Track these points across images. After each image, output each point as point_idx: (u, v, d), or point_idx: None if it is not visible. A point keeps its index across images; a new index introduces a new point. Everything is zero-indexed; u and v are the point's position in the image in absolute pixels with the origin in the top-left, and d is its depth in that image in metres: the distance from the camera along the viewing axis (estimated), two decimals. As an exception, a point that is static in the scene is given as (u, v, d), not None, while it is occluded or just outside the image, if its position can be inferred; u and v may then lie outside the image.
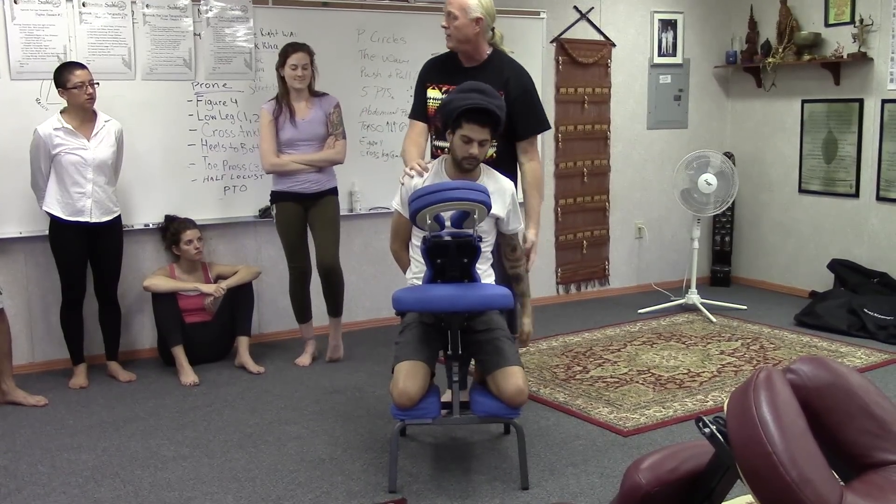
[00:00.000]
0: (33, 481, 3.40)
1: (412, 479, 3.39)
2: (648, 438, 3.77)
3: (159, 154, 5.00)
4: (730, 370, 4.72)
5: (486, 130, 3.27)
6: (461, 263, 3.21)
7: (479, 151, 3.31)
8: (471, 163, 3.34)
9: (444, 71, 3.76)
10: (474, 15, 3.56)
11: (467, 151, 3.30)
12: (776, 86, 6.57)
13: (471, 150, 3.29)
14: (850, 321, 5.44)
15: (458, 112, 3.26)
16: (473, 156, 3.31)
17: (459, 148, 3.31)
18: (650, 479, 2.02)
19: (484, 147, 3.31)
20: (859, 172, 6.04)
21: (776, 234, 6.73)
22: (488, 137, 3.30)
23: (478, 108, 3.24)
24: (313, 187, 4.70)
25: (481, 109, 3.24)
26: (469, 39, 3.61)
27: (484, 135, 3.27)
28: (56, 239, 4.45)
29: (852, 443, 1.88)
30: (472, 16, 3.56)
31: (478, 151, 3.30)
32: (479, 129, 3.26)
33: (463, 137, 3.28)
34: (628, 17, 6.50)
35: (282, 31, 5.19)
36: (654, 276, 6.82)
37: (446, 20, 3.63)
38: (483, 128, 3.26)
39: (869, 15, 5.81)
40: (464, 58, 3.69)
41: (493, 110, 3.25)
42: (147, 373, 4.80)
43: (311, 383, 4.61)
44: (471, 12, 3.56)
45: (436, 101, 3.70)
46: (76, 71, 4.28)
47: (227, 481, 3.39)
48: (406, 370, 3.22)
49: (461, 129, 3.27)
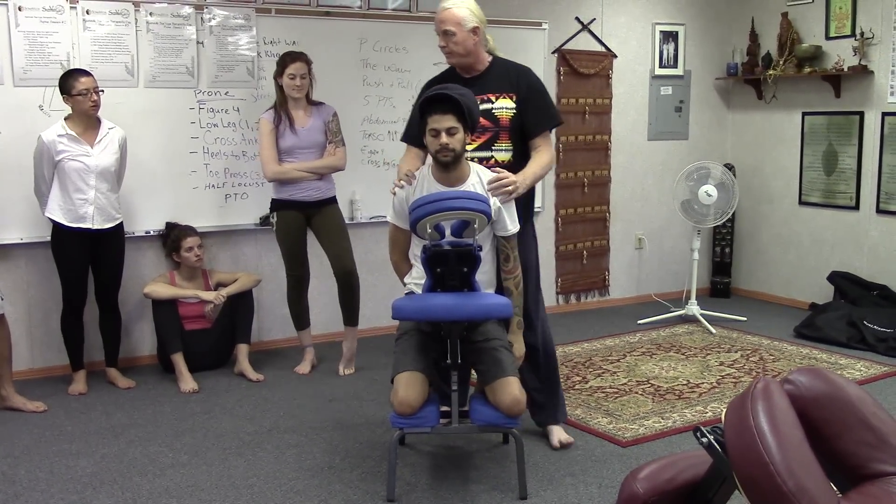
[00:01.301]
0: (32, 487, 3.40)
1: (410, 488, 3.38)
2: (647, 449, 3.76)
3: (161, 161, 5.01)
4: (729, 381, 4.72)
5: (450, 117, 3.23)
6: (461, 272, 3.21)
7: (451, 140, 3.25)
8: (446, 154, 3.28)
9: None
10: (471, 25, 3.52)
11: (438, 143, 3.26)
12: (777, 98, 6.59)
13: (440, 140, 3.25)
14: (850, 333, 5.44)
15: (419, 113, 3.30)
16: (445, 145, 3.25)
17: (431, 143, 3.30)
18: (648, 489, 2.03)
19: (454, 135, 3.25)
20: (859, 185, 6.05)
21: (776, 246, 6.73)
22: (455, 124, 3.24)
23: (434, 98, 3.24)
24: (315, 195, 4.72)
25: (437, 98, 3.23)
26: (470, 51, 3.57)
27: (448, 122, 3.23)
28: (58, 245, 4.46)
29: (849, 454, 1.88)
30: (469, 26, 3.52)
31: (449, 140, 3.25)
32: (441, 117, 3.23)
33: (431, 132, 3.27)
34: (630, 28, 6.52)
35: (284, 39, 5.21)
36: (653, 287, 6.82)
37: (443, 39, 3.54)
38: (444, 115, 3.22)
39: (870, 28, 5.83)
40: (463, 71, 3.64)
41: (449, 95, 3.22)
42: (146, 380, 4.80)
43: (310, 391, 4.61)
44: (467, 24, 3.51)
45: None
46: (81, 78, 4.30)
47: (226, 489, 3.39)
48: (405, 380, 3.22)
49: (427, 125, 3.27)
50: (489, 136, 3.58)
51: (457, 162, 3.32)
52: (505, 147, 3.57)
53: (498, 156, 3.58)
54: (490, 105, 3.57)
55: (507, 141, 3.57)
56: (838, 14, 6.06)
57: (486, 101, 3.56)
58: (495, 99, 3.58)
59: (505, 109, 3.56)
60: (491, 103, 3.57)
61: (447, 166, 3.32)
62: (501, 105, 3.57)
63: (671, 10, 6.68)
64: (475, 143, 3.58)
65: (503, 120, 3.56)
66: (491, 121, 3.56)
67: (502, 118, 3.56)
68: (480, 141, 3.58)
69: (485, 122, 3.55)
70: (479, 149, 3.59)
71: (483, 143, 3.58)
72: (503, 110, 3.56)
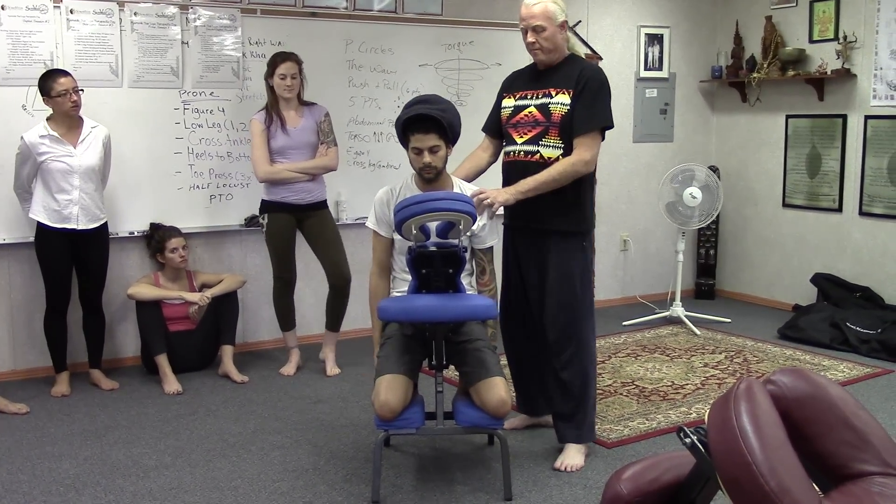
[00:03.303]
0: (13, 489, 3.37)
1: (395, 490, 3.38)
2: (632, 450, 3.77)
3: (145, 162, 4.99)
4: (713, 383, 4.74)
5: (433, 136, 3.27)
6: (446, 274, 3.21)
7: (433, 159, 3.31)
8: (429, 172, 3.35)
9: (520, 79, 3.71)
10: (560, 20, 3.49)
11: (421, 162, 3.33)
12: (761, 101, 6.62)
13: (423, 159, 3.32)
14: (833, 335, 5.48)
15: (402, 127, 3.31)
16: (428, 164, 3.32)
17: (414, 161, 3.36)
18: (631, 490, 2.03)
19: (437, 153, 3.30)
20: (842, 187, 6.09)
21: (760, 248, 6.77)
22: (438, 143, 3.29)
23: (417, 117, 3.26)
24: (307, 198, 4.71)
25: (420, 117, 3.25)
26: (558, 46, 3.53)
27: (431, 141, 3.28)
28: (42, 246, 4.43)
29: (831, 453, 1.90)
30: (559, 21, 3.49)
31: (431, 159, 3.31)
32: (424, 137, 3.28)
33: (413, 150, 3.33)
34: (615, 30, 6.54)
35: (269, 40, 5.20)
36: (638, 289, 6.84)
37: (532, 35, 3.47)
38: (427, 135, 3.27)
39: (853, 32, 5.87)
40: (542, 64, 3.60)
41: (431, 115, 3.24)
42: (130, 381, 4.78)
43: (295, 393, 4.60)
44: (556, 18, 3.47)
45: (507, 110, 3.66)
46: (60, 79, 4.26)
47: (210, 491, 3.37)
48: (387, 383, 3.21)
49: (409, 142, 3.32)
50: (539, 131, 3.52)
51: (439, 176, 3.40)
52: (553, 143, 3.50)
53: (544, 151, 3.51)
54: (548, 100, 3.52)
55: (555, 137, 3.49)
56: (822, 18, 6.11)
57: (546, 95, 3.53)
58: (555, 93, 3.51)
59: (560, 105, 3.48)
60: (549, 97, 3.52)
61: (430, 181, 3.40)
62: (558, 100, 3.49)
63: (656, 13, 6.70)
64: (525, 136, 3.55)
65: (555, 115, 3.48)
66: (544, 115, 3.51)
67: (555, 113, 3.49)
68: (530, 135, 3.54)
69: (538, 116, 3.52)
70: (527, 143, 3.55)
71: (531, 138, 3.54)
72: (558, 105, 3.49)
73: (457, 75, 5.85)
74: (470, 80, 5.89)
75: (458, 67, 5.85)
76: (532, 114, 3.55)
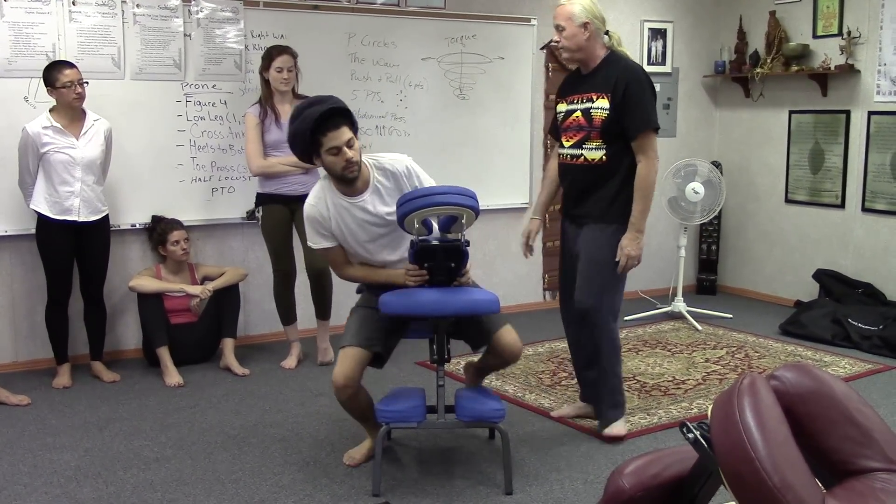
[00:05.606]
0: (15, 481, 3.37)
1: (396, 483, 3.38)
2: (633, 445, 3.77)
3: (147, 154, 4.98)
4: (714, 378, 4.74)
5: (345, 129, 3.17)
6: (448, 268, 3.22)
7: (354, 153, 3.19)
8: (353, 170, 3.22)
9: (567, 83, 3.82)
10: (581, 20, 3.56)
11: (343, 160, 3.18)
12: (764, 96, 6.61)
13: (346, 156, 3.18)
14: (835, 331, 5.47)
15: (309, 136, 3.15)
16: (349, 160, 3.18)
17: (334, 164, 3.20)
18: (633, 484, 2.03)
19: (353, 146, 3.20)
20: (845, 183, 6.08)
21: (762, 244, 6.76)
22: (351, 136, 3.19)
23: (321, 116, 3.14)
24: (300, 189, 4.70)
25: (324, 115, 3.14)
26: (581, 47, 3.62)
27: (346, 135, 3.17)
28: (43, 238, 4.43)
29: (834, 449, 1.89)
30: (580, 22, 3.56)
31: (352, 154, 3.19)
32: (338, 133, 3.15)
33: (331, 150, 3.16)
34: (618, 25, 6.51)
35: (272, 33, 5.19)
36: (640, 284, 6.83)
37: (556, 34, 3.65)
38: (339, 129, 3.15)
39: (857, 27, 5.85)
40: (582, 66, 3.71)
41: (332, 107, 3.17)
42: (131, 373, 4.78)
43: (296, 385, 4.60)
44: (577, 19, 3.56)
45: (560, 114, 3.77)
46: (65, 70, 4.26)
47: (211, 483, 3.37)
48: (340, 356, 3.30)
49: (322, 146, 3.16)
50: (583, 136, 3.65)
51: (360, 171, 3.29)
52: (595, 146, 3.61)
53: (588, 154, 3.64)
54: (590, 105, 3.62)
55: (597, 140, 3.61)
56: (826, 13, 6.09)
57: (588, 99, 3.63)
58: (596, 98, 3.61)
59: (600, 110, 3.59)
60: (591, 102, 3.62)
61: (353, 181, 3.27)
62: (599, 105, 3.60)
63: (659, 8, 6.69)
64: (571, 140, 3.68)
65: (596, 120, 3.60)
66: (587, 120, 3.62)
67: (596, 118, 3.60)
68: (575, 139, 3.67)
69: (582, 121, 3.64)
70: (573, 146, 3.69)
71: (576, 142, 3.67)
72: (599, 111, 3.59)
73: (459, 69, 5.84)
74: (473, 73, 5.87)
75: (461, 61, 5.84)
76: (578, 119, 3.67)
